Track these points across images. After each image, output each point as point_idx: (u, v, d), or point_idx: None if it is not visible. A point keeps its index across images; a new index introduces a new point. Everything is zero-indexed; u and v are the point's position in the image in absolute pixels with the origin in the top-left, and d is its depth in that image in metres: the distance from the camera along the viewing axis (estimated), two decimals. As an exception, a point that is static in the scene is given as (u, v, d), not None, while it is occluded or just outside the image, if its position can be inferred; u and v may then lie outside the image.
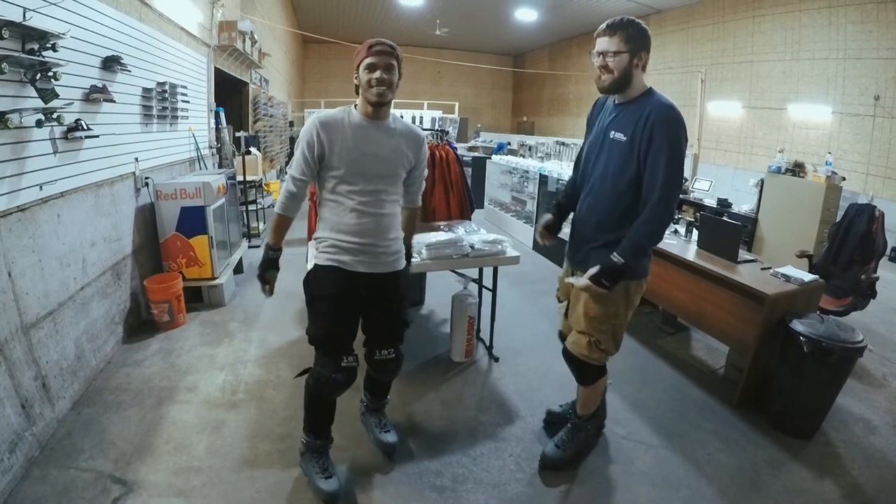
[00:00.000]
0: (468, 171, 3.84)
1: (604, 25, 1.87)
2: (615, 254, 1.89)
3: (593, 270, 1.93)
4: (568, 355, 2.21)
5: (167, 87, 3.89)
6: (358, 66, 1.89)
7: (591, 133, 2.13)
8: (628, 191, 1.92)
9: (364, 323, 2.13)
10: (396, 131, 2.00)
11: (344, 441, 2.40)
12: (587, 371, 2.18)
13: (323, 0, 12.12)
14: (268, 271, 2.05)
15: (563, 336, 2.33)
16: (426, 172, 2.20)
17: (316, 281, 2.02)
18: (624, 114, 1.93)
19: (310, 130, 1.89)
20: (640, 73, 1.90)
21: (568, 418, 2.44)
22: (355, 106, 1.97)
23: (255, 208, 6.02)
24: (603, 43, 1.86)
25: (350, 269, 1.98)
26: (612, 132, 1.95)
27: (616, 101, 2.00)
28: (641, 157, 1.85)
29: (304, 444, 2.15)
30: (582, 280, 1.97)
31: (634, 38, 1.84)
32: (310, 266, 2.10)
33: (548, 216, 2.35)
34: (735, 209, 6.25)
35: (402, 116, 2.15)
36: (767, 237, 5.65)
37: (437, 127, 4.32)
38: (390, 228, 2.05)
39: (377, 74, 1.84)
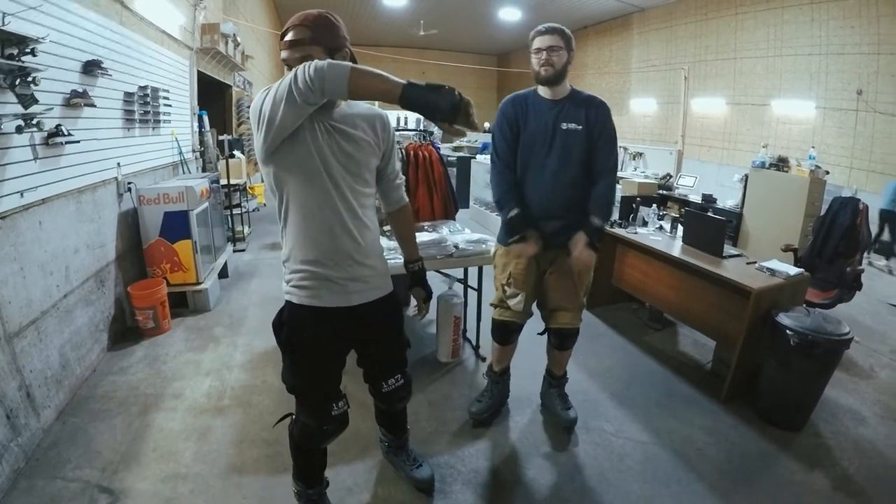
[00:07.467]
0: (453, 171, 3.82)
1: (543, 27, 2.14)
2: (594, 218, 2.15)
3: (583, 240, 2.11)
4: (562, 333, 2.42)
5: (149, 91, 3.85)
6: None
7: (520, 129, 2.24)
8: (587, 168, 2.21)
9: (360, 358, 1.81)
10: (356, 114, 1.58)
11: (334, 446, 2.38)
12: (574, 336, 2.46)
13: (306, 2, 12.04)
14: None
15: (514, 325, 2.45)
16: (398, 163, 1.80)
17: (291, 324, 1.62)
18: (569, 107, 2.18)
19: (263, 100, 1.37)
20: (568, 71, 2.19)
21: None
22: None
23: (239, 212, 5.96)
24: (547, 40, 2.11)
25: (331, 305, 1.58)
26: (564, 124, 2.17)
27: (548, 98, 2.21)
28: (596, 138, 2.17)
29: (297, 494, 1.90)
30: (588, 253, 2.12)
31: (569, 39, 2.15)
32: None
33: (531, 233, 2.18)
34: (720, 204, 6.32)
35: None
36: (752, 232, 5.71)
37: (421, 127, 4.30)
38: (374, 243, 1.66)
39: None
